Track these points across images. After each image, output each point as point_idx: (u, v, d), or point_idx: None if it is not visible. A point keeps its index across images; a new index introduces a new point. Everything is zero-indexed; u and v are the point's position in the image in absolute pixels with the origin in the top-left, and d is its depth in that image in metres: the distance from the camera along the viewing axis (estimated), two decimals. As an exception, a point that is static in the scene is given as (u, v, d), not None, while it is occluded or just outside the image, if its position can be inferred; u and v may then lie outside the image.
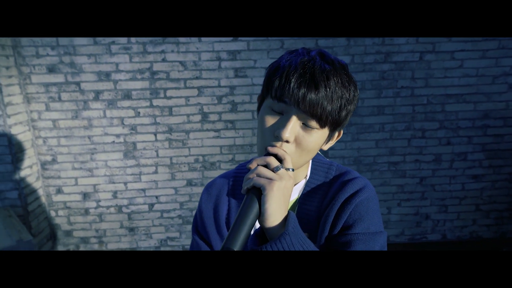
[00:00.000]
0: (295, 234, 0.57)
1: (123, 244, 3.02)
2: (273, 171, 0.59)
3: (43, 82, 2.66)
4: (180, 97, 2.77)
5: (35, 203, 2.74)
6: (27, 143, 2.68)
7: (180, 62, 2.71)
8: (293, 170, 0.63)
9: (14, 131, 2.53)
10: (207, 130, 2.84)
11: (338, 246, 0.68)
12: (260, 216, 0.58)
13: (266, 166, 0.60)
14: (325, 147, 0.71)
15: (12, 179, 2.57)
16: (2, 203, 2.59)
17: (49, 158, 2.80)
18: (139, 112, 2.77)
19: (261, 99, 0.70)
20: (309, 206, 0.73)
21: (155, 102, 2.76)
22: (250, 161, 0.65)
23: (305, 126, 0.63)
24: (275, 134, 0.63)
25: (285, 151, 0.63)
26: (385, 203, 3.05)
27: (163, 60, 2.70)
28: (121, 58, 2.66)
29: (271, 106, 0.64)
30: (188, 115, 2.81)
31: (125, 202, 2.94)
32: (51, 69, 2.64)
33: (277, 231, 0.58)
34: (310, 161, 0.78)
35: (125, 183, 2.89)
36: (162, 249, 3.06)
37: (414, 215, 3.08)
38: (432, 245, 3.07)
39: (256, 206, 0.57)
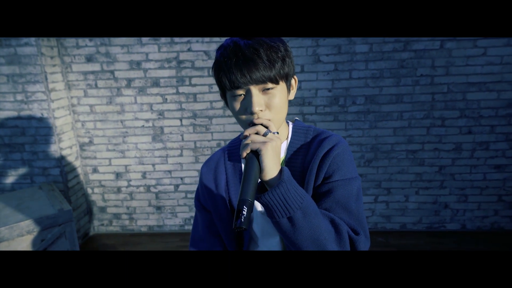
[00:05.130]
0: (290, 182, 0.71)
1: (151, 221, 3.27)
2: (263, 136, 0.74)
3: (82, 70, 2.93)
4: (204, 84, 2.95)
5: (74, 180, 3.04)
6: (68, 125, 2.97)
7: (204, 51, 2.89)
8: (277, 133, 0.78)
9: (57, 114, 2.83)
10: (229, 116, 3.00)
11: (322, 194, 0.82)
12: (261, 172, 0.73)
13: (257, 133, 0.76)
14: (291, 96, 0.87)
15: (55, 157, 2.87)
16: (46, 179, 2.91)
17: (86, 140, 3.09)
18: (166, 99, 2.98)
19: (223, 95, 0.85)
20: (294, 163, 0.88)
21: (181, 89, 2.96)
22: (241, 134, 0.80)
23: (266, 90, 0.78)
24: (249, 112, 0.78)
25: (266, 118, 0.78)
26: (402, 190, 3.08)
27: (189, 50, 2.89)
28: (150, 48, 2.88)
29: (233, 94, 0.79)
30: (211, 102, 2.99)
31: (153, 182, 3.18)
32: (89, 59, 2.91)
33: (275, 181, 0.72)
34: (291, 126, 0.91)
35: (153, 165, 3.13)
36: (186, 227, 3.29)
37: (432, 203, 3.09)
38: (450, 234, 3.07)
39: (256, 164, 0.72)
